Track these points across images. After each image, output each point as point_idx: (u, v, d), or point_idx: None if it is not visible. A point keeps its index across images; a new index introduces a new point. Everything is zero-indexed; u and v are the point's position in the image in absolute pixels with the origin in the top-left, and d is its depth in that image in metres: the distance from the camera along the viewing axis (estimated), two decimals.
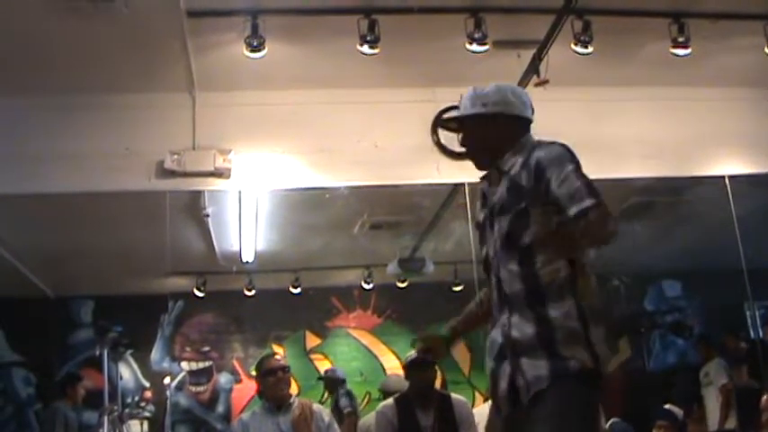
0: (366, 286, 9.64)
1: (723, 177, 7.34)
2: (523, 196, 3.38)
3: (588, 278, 3.40)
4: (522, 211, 3.37)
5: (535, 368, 3.26)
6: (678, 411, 6.92)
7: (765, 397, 6.59)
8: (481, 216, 3.66)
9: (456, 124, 3.83)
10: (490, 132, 3.63)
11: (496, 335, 3.48)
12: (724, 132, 7.35)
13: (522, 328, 3.32)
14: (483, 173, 3.69)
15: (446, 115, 3.96)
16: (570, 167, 3.35)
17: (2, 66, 6.34)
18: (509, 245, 3.40)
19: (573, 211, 3.23)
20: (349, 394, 8.36)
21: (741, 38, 6.72)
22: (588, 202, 3.23)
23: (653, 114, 7.24)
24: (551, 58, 6.14)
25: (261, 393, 6.04)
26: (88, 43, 6.14)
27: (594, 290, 3.41)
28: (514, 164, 3.51)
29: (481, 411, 7.35)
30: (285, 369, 6.00)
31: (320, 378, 9.32)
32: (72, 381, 9.19)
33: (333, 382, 8.79)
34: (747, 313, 9.50)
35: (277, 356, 6.77)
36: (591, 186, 3.31)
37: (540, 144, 3.55)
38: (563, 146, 3.49)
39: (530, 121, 3.75)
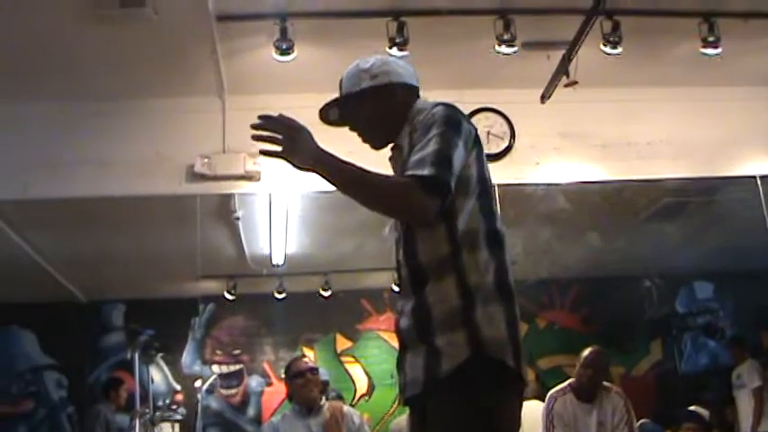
0: (396, 288, 9.56)
1: (754, 177, 7.27)
2: (405, 167, 2.97)
3: (477, 251, 2.91)
4: None
5: (414, 367, 2.90)
6: (705, 413, 6.89)
7: None
8: None
9: (339, 110, 3.38)
10: (383, 105, 3.25)
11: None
12: (755, 132, 7.29)
13: (406, 317, 2.98)
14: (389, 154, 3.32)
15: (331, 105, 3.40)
16: (434, 131, 2.95)
17: (34, 73, 6.38)
18: (401, 225, 3.09)
19: (408, 173, 2.86)
20: (340, 397, 8.32)
21: None
22: (425, 171, 2.82)
23: (683, 115, 7.20)
24: (580, 58, 6.12)
25: (290, 396, 6.05)
26: (118, 49, 6.16)
27: (486, 264, 2.91)
28: (404, 136, 3.17)
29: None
30: (313, 371, 6.00)
31: None
32: (115, 384, 9.27)
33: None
34: None
35: (305, 359, 6.77)
36: (442, 157, 2.87)
37: (423, 108, 3.15)
38: (445, 107, 3.07)
39: (417, 89, 3.34)
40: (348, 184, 2.93)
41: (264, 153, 2.97)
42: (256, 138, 2.96)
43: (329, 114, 3.39)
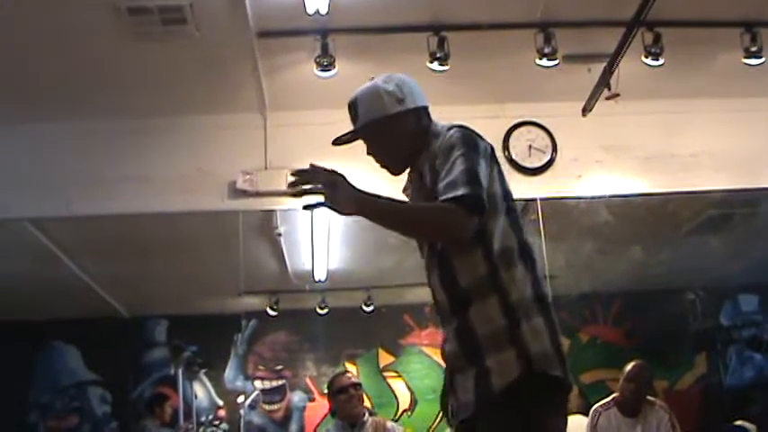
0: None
1: None
2: (428, 194, 3.01)
3: (513, 268, 2.94)
4: None
5: (465, 390, 2.91)
6: (751, 427, 6.82)
7: None
8: None
9: (353, 133, 3.31)
10: (409, 131, 3.20)
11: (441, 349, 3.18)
12: None
13: (452, 340, 2.99)
14: (405, 182, 3.33)
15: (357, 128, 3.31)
16: (457, 153, 2.94)
17: (76, 91, 6.44)
18: (431, 251, 3.09)
19: (441, 197, 2.85)
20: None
21: None
22: (460, 192, 2.82)
23: (726, 126, 7.14)
24: (622, 71, 6.10)
25: (334, 411, 6.04)
26: (160, 66, 6.21)
27: (524, 279, 2.94)
28: (424, 161, 3.13)
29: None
30: (357, 386, 5.99)
31: None
32: (159, 400, 9.32)
33: None
34: None
35: (348, 374, 6.75)
36: (471, 175, 2.88)
37: (440, 132, 3.12)
38: (459, 128, 3.07)
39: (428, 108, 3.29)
40: (390, 220, 2.95)
41: (308, 207, 2.92)
42: (297, 194, 2.91)
43: (343, 141, 3.34)
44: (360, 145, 3.31)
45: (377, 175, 3.43)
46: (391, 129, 3.20)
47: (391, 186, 3.35)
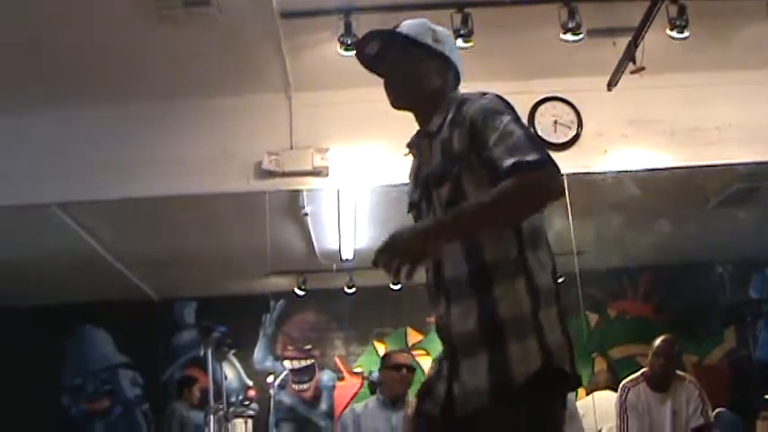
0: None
1: None
2: (456, 161, 2.86)
3: (540, 250, 2.85)
4: (457, 179, 2.85)
5: (475, 376, 2.71)
6: None
7: None
8: (416, 193, 3.09)
9: (380, 47, 3.18)
10: (428, 71, 3.10)
11: (438, 328, 2.98)
12: None
13: (463, 320, 2.79)
14: (411, 139, 3.18)
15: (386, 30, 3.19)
16: (507, 118, 2.82)
17: (101, 76, 6.46)
18: None
19: (508, 162, 2.67)
20: None
21: None
22: (531, 157, 2.66)
23: (752, 98, 7.08)
24: (647, 44, 6.06)
25: (379, 384, 6.04)
26: (183, 49, 6.23)
27: (548, 264, 2.86)
28: (442, 124, 2.99)
29: (585, 404, 7.32)
30: (411, 368, 6.01)
31: None
32: (188, 382, 9.39)
33: None
34: None
35: (406, 354, 6.70)
36: (534, 139, 2.78)
37: (468, 98, 2.98)
38: (496, 96, 2.97)
39: (459, 83, 3.21)
40: (482, 222, 2.74)
41: (404, 277, 2.73)
42: (396, 278, 2.74)
43: (367, 46, 3.20)
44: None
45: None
46: (417, 57, 3.10)
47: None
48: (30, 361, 10.07)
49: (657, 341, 6.55)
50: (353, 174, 6.81)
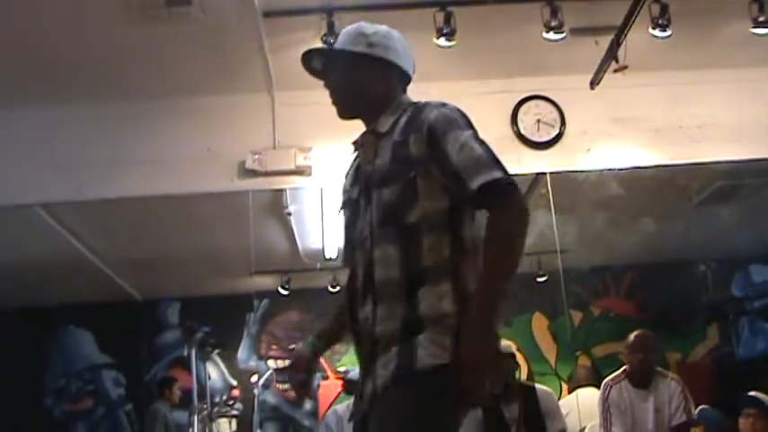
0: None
1: None
2: (412, 165, 2.82)
3: (476, 258, 2.78)
4: (410, 182, 2.81)
5: (384, 367, 2.73)
6: (764, 398, 6.80)
7: None
8: (355, 191, 3.05)
9: (322, 64, 3.21)
10: (366, 78, 3.07)
11: (358, 330, 2.93)
12: None
13: (388, 322, 2.77)
14: (357, 138, 3.16)
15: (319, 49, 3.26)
16: (468, 132, 2.83)
17: (84, 75, 6.45)
18: (389, 222, 2.83)
19: (477, 182, 2.70)
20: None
21: None
22: (497, 174, 2.71)
23: (735, 96, 7.11)
24: (629, 43, 6.08)
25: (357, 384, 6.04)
26: (166, 49, 6.22)
27: (476, 273, 2.80)
28: (395, 126, 2.97)
29: (568, 402, 7.34)
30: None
31: None
32: (168, 383, 9.40)
33: None
34: None
35: None
36: (495, 157, 2.78)
37: (427, 104, 2.95)
38: (456, 108, 2.94)
39: (410, 80, 3.17)
40: (507, 278, 2.71)
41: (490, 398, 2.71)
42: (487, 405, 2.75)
43: (312, 61, 3.21)
44: None
45: None
46: (351, 67, 3.09)
47: None
48: (12, 363, 10.03)
49: (631, 337, 6.55)
50: (336, 173, 6.80)
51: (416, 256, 2.78)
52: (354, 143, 3.15)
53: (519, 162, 6.79)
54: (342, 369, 9.52)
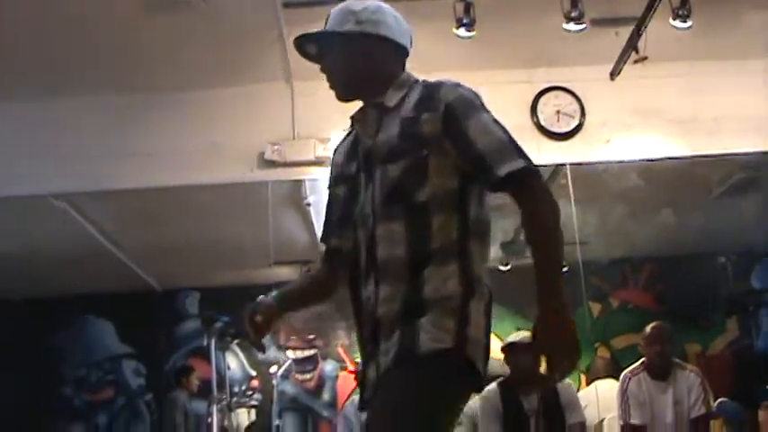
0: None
1: None
2: (424, 143, 2.73)
3: (484, 241, 2.79)
4: (421, 160, 2.73)
5: (386, 354, 2.67)
6: None
7: None
8: (353, 166, 2.97)
9: (316, 48, 3.11)
10: (360, 56, 2.95)
11: (360, 310, 2.89)
12: None
13: (390, 303, 2.70)
14: (356, 113, 3.02)
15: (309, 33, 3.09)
16: (487, 115, 2.78)
17: (102, 66, 6.49)
18: (394, 199, 2.74)
19: (504, 170, 2.65)
20: None
21: None
22: (522, 163, 2.68)
23: (756, 87, 7.04)
24: (649, 34, 6.06)
25: None
26: (186, 40, 6.25)
27: (486, 256, 2.80)
28: (403, 102, 2.87)
29: (587, 394, 7.33)
30: None
31: None
32: (186, 371, 9.42)
33: None
34: None
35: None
36: (515, 142, 2.74)
37: (442, 83, 2.86)
38: (471, 89, 2.86)
39: (407, 54, 3.07)
40: (559, 266, 2.67)
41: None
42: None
43: (306, 46, 3.12)
44: None
45: None
46: (343, 48, 2.98)
47: None
48: (32, 353, 10.09)
49: (648, 329, 6.53)
50: None
51: (425, 236, 2.70)
52: (352, 117, 3.03)
53: (538, 153, 6.76)
54: (359, 361, 9.56)
